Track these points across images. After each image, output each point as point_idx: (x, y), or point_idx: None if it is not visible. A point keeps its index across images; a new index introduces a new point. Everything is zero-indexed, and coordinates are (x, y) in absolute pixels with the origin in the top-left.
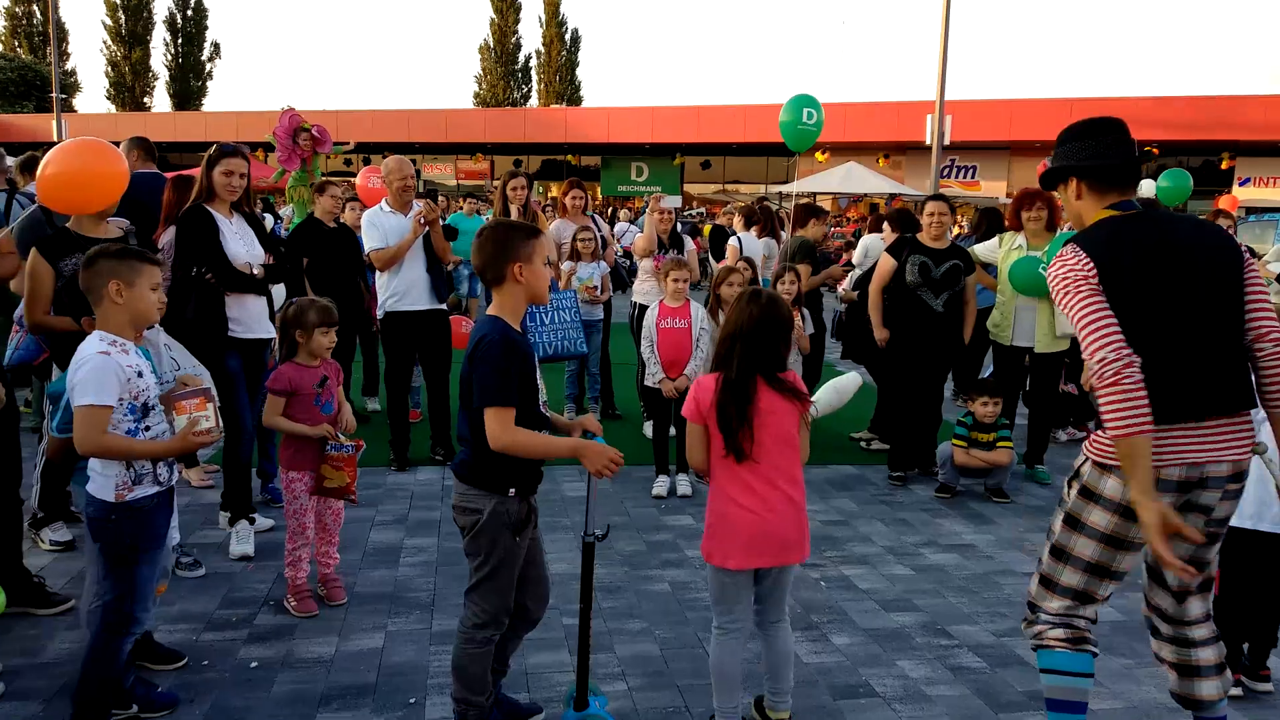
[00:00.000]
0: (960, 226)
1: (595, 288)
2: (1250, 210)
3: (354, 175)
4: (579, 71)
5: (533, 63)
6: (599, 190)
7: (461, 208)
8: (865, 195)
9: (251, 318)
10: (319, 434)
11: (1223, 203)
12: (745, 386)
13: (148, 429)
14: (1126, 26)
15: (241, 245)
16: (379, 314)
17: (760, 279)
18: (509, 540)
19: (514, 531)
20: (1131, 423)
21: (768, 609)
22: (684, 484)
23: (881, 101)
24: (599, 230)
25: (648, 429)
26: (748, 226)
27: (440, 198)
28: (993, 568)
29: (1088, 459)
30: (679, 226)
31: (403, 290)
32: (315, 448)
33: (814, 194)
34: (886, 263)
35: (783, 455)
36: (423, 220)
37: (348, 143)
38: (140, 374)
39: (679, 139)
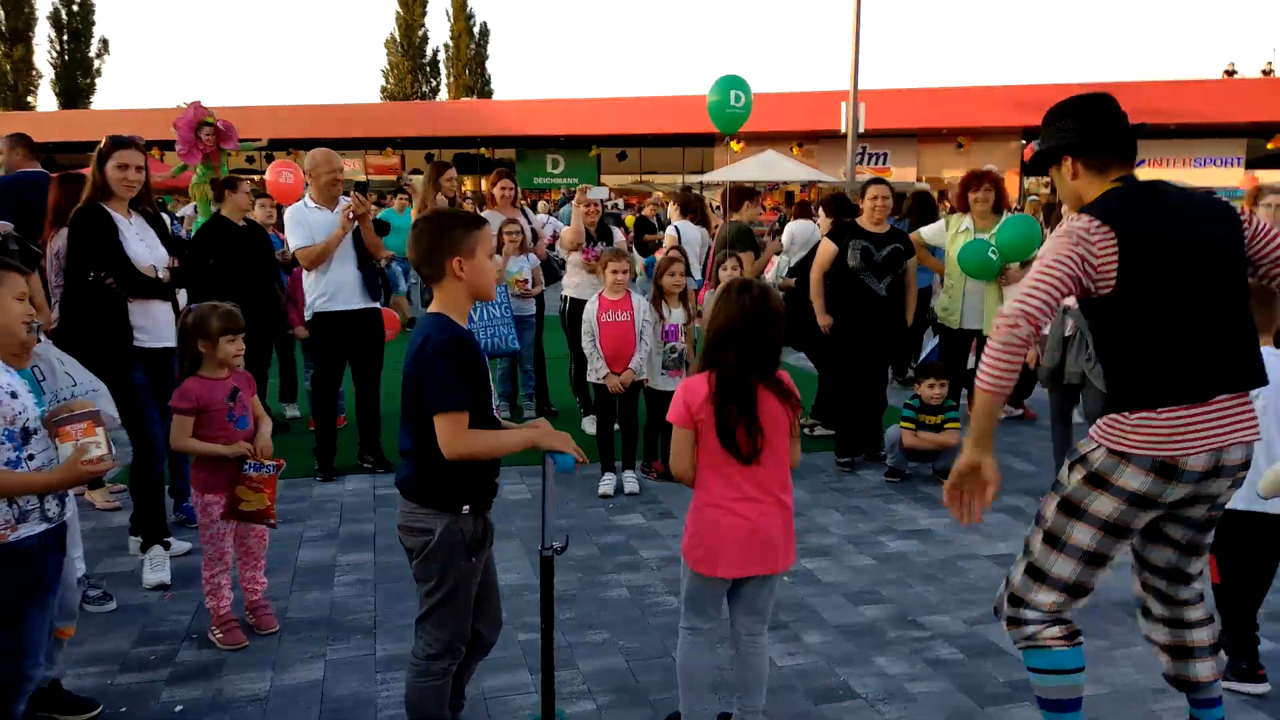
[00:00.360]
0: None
1: (525, 281)
2: None
3: (259, 173)
4: (489, 65)
5: (441, 56)
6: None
7: (392, 204)
8: (780, 183)
9: (158, 325)
10: (235, 453)
11: None
12: (746, 383)
13: (31, 458)
14: (1028, 13)
15: (143, 246)
16: (307, 315)
17: (692, 268)
18: (464, 562)
19: (469, 553)
20: (1005, 381)
21: (748, 620)
22: (630, 481)
23: (794, 92)
24: (528, 222)
25: (587, 425)
26: (684, 214)
27: (370, 193)
28: (953, 552)
29: (1100, 445)
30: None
31: (332, 290)
32: (231, 468)
33: (734, 182)
34: (828, 248)
35: (777, 459)
36: (352, 215)
37: (260, 139)
38: (15, 394)
39: (595, 130)
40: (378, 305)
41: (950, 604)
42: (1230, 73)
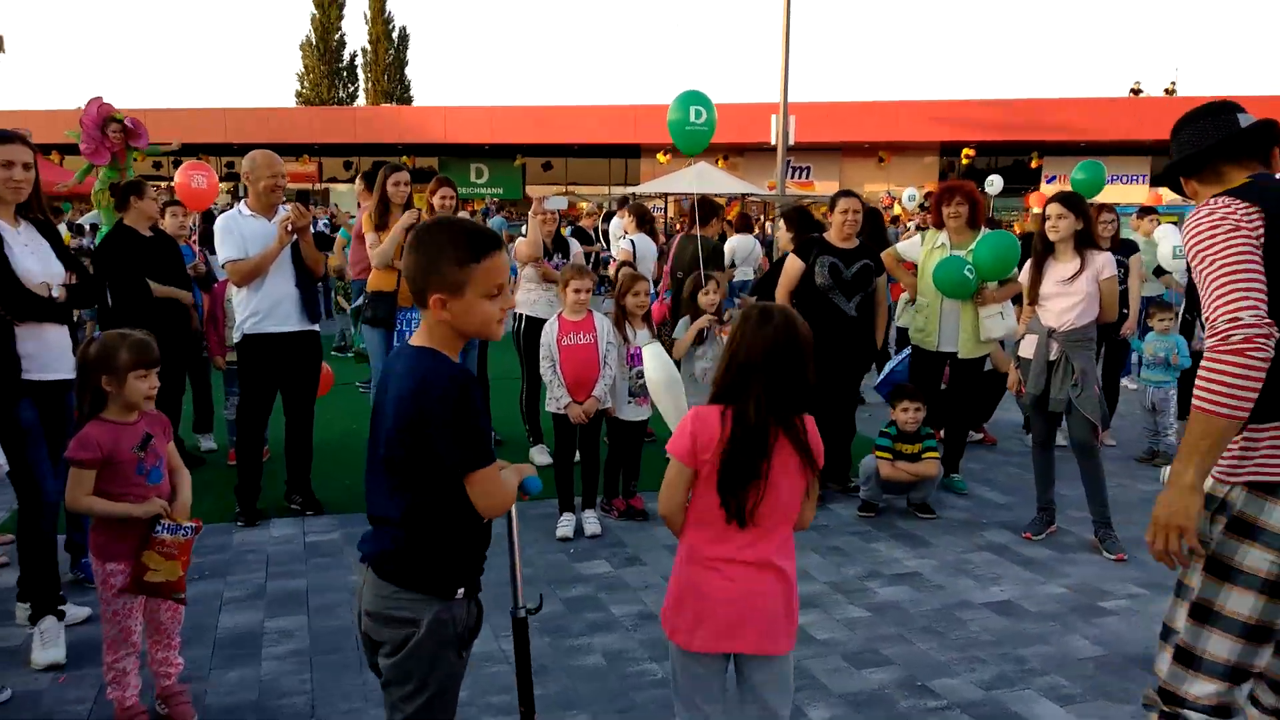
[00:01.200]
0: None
1: None
2: None
3: (165, 180)
4: (408, 70)
5: (359, 61)
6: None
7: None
8: (705, 196)
9: (51, 353)
10: (148, 513)
11: (1032, 199)
12: (764, 432)
13: None
14: (946, 31)
15: (35, 261)
16: (235, 336)
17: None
18: (452, 659)
19: (460, 646)
20: (1238, 404)
21: (757, 716)
22: (591, 522)
23: (720, 103)
24: None
25: (535, 455)
26: (640, 227)
27: (312, 205)
28: (948, 600)
29: (1233, 484)
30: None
31: (266, 308)
32: (139, 530)
33: (665, 195)
34: (794, 265)
35: (781, 521)
36: (291, 227)
37: (170, 143)
38: None
39: (519, 140)
40: (315, 328)
41: (958, 664)
42: (1136, 91)
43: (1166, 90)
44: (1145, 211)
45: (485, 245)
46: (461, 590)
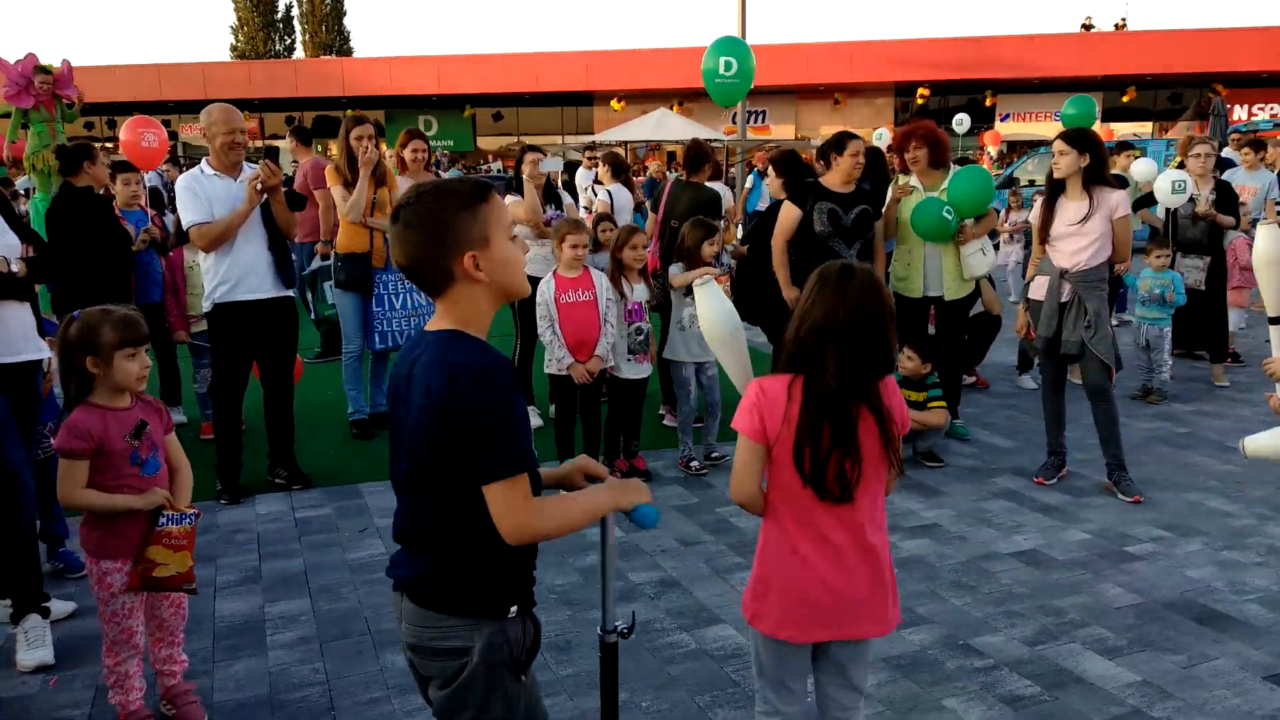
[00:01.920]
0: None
1: None
2: (1011, 144)
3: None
4: (347, 21)
5: (295, 12)
6: (384, 145)
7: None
8: (661, 143)
9: (13, 333)
10: (151, 504)
11: (987, 138)
12: (846, 402)
13: None
14: None
15: None
16: (205, 305)
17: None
18: (511, 684)
19: (518, 670)
20: None
21: (840, 694)
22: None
23: (674, 47)
24: None
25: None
26: (616, 177)
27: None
28: (973, 552)
29: None
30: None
31: (237, 275)
32: (139, 525)
33: (625, 143)
34: (790, 212)
35: (872, 492)
36: (260, 186)
37: (73, 99)
38: None
39: (468, 90)
40: (291, 294)
41: (997, 620)
42: (1087, 27)
43: (1116, 25)
44: (1123, 146)
45: (482, 187)
46: (515, 608)
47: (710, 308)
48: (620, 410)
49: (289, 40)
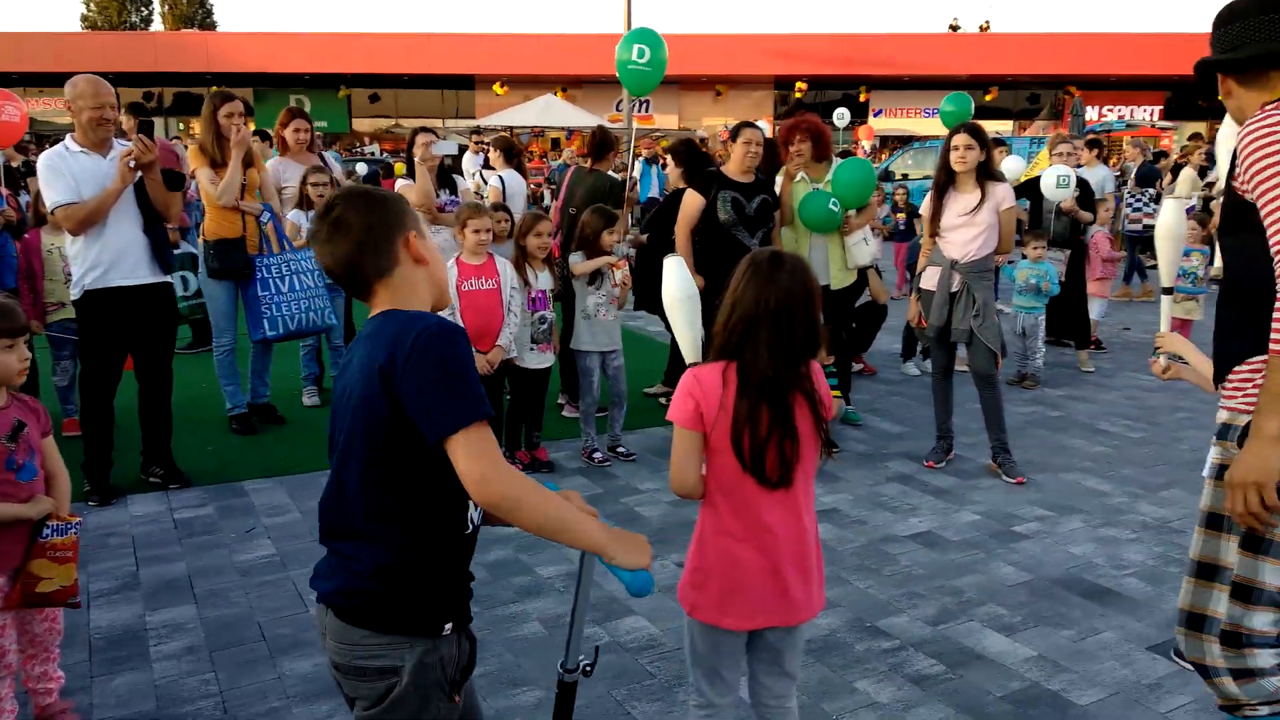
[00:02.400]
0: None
1: None
2: (883, 139)
3: None
4: None
5: None
6: (252, 125)
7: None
8: (546, 128)
9: None
10: (41, 513)
11: (861, 132)
12: (781, 386)
13: None
14: None
15: None
16: (74, 292)
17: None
18: (443, 705)
19: (452, 690)
20: None
21: (773, 682)
22: None
23: (559, 33)
24: (331, 172)
25: None
26: (508, 162)
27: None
28: (873, 535)
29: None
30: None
31: (110, 259)
32: (21, 536)
33: (510, 128)
34: (695, 200)
35: (807, 477)
36: (133, 163)
37: None
38: None
39: (343, 69)
40: (168, 279)
41: (900, 602)
42: (954, 28)
43: (981, 27)
44: (996, 143)
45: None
46: (450, 625)
47: (674, 273)
48: (522, 401)
49: (145, 10)
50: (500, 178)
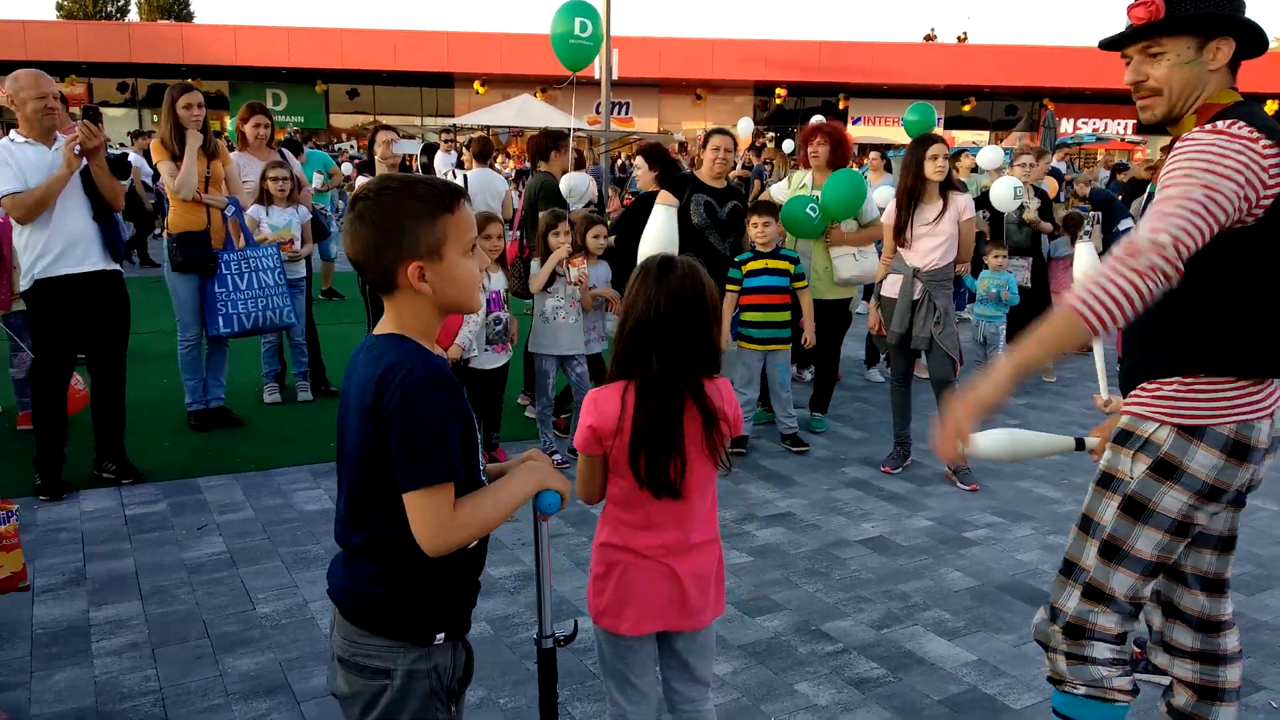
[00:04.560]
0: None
1: (294, 240)
2: (861, 146)
3: None
4: None
5: None
6: (227, 118)
7: None
8: (525, 129)
9: None
10: None
11: None
12: (673, 395)
13: None
14: None
15: None
16: (24, 283)
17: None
18: (439, 715)
19: (449, 700)
20: (1110, 321)
21: (685, 687)
22: None
23: (541, 34)
24: (291, 168)
25: None
26: (481, 161)
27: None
28: (825, 540)
29: (1161, 423)
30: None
31: (60, 247)
32: None
33: (486, 127)
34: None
35: (702, 489)
36: (79, 150)
37: None
38: None
39: (321, 64)
40: (119, 267)
41: (847, 605)
42: (930, 38)
43: (959, 39)
44: (961, 154)
45: (453, 193)
46: (442, 635)
47: (663, 216)
48: (478, 402)
49: (122, 1)
50: (465, 177)
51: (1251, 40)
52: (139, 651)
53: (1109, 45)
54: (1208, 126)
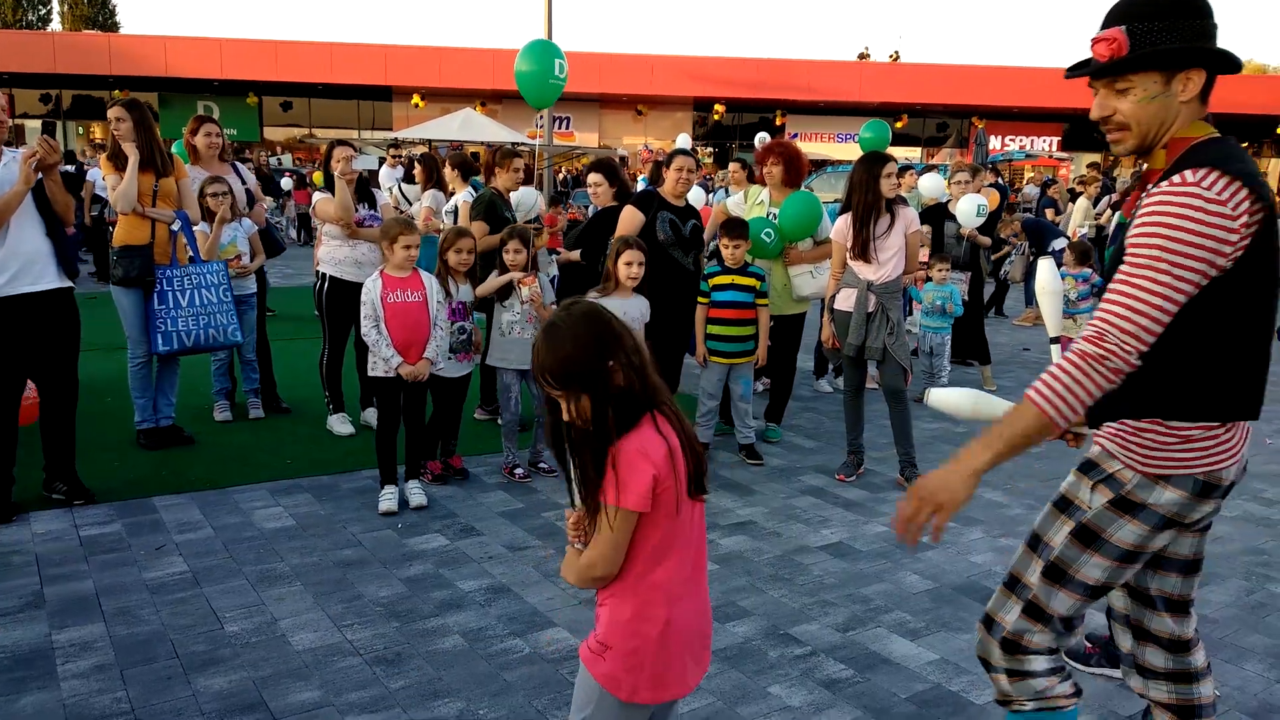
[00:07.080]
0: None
1: (241, 256)
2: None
3: None
4: None
5: None
6: (159, 131)
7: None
8: (465, 143)
9: None
10: None
11: None
12: (679, 416)
13: None
14: None
15: None
16: None
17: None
18: None
19: None
20: (1071, 414)
21: None
22: (416, 493)
23: (479, 48)
24: (241, 180)
25: (335, 424)
26: (466, 180)
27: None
28: (787, 546)
29: (1128, 467)
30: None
31: (17, 266)
32: None
33: (428, 141)
34: (634, 218)
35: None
36: (35, 165)
37: None
38: None
39: (254, 76)
40: (70, 285)
41: (812, 610)
42: (864, 56)
43: (891, 57)
44: (904, 169)
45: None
46: None
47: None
48: (440, 409)
49: (43, 9)
50: (434, 194)
51: (1223, 65)
52: (107, 673)
53: (1074, 74)
54: (1178, 180)
